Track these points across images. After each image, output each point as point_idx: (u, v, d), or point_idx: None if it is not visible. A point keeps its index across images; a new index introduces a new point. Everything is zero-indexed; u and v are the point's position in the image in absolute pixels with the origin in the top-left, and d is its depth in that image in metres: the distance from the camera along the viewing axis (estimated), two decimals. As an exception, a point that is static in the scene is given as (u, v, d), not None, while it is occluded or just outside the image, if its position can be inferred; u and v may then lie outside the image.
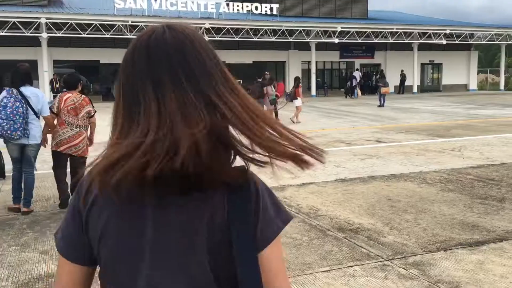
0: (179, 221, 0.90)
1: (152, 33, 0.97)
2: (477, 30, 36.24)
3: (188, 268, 0.90)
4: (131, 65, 0.95)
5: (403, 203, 5.72)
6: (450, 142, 10.99)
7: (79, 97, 5.87)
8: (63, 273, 1.02)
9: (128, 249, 0.91)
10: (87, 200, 0.94)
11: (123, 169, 0.82)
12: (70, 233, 0.98)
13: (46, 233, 4.91)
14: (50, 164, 8.91)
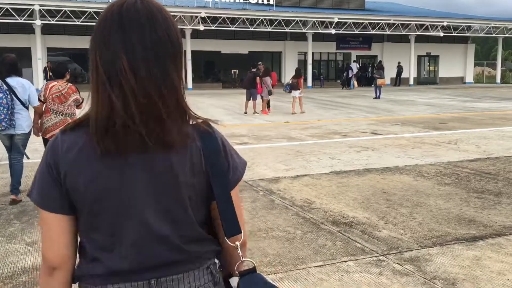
0: (163, 168, 1.07)
1: (124, 2, 1.07)
2: (475, 22, 36.12)
3: (173, 206, 1.09)
4: (105, 33, 1.06)
5: (399, 197, 5.63)
6: (446, 135, 10.91)
7: (65, 85, 5.91)
8: (47, 226, 1.10)
9: (115, 194, 1.06)
10: (67, 156, 1.07)
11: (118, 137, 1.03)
12: (47, 187, 1.09)
13: (34, 224, 4.79)
14: (41, 153, 8.79)
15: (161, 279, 1.10)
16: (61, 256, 1.10)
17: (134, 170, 1.07)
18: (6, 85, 5.42)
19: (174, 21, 1.11)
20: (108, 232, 1.09)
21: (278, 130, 12.05)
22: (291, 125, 13.24)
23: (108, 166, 1.06)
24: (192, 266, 1.13)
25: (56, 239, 1.09)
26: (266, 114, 16.12)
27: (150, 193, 1.08)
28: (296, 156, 8.43)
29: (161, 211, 1.09)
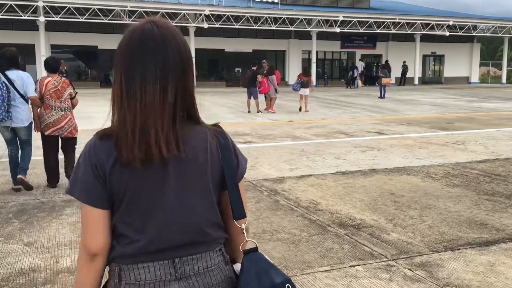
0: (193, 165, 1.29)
1: (142, 28, 1.29)
2: (481, 22, 35.84)
3: (200, 195, 1.31)
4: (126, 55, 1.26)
5: (407, 198, 5.49)
6: (453, 135, 10.75)
7: (59, 80, 5.96)
8: (90, 219, 1.27)
9: (149, 190, 1.27)
10: (108, 160, 1.25)
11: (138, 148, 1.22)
12: (92, 184, 1.26)
13: (33, 223, 4.68)
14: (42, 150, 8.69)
15: (183, 258, 1.30)
16: (102, 244, 1.28)
17: (165, 171, 1.27)
18: (5, 78, 5.48)
19: (184, 40, 1.31)
20: (140, 219, 1.28)
21: (282, 129, 11.91)
22: (295, 124, 13.10)
23: (142, 169, 1.25)
24: (208, 248, 1.33)
25: (97, 230, 1.27)
26: (274, 112, 15.98)
27: (180, 187, 1.28)
28: (301, 156, 8.29)
29: (189, 201, 1.30)
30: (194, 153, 1.29)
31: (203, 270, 1.31)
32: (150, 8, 26.83)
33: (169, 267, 1.29)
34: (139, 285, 1.28)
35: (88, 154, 1.28)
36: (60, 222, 4.71)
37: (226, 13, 28.65)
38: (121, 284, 1.29)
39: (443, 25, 33.81)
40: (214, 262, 1.33)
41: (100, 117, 14.05)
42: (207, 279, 1.32)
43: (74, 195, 1.29)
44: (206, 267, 1.32)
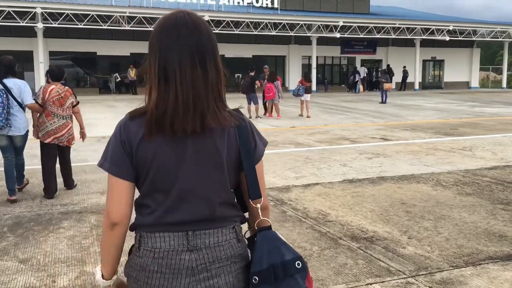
0: (208, 145, 1.40)
1: (176, 15, 1.42)
2: (481, 27, 35.72)
3: (214, 174, 1.41)
4: (162, 39, 1.38)
5: (419, 208, 5.27)
6: (459, 141, 10.54)
7: (63, 89, 6.02)
8: (115, 190, 1.42)
9: (171, 165, 1.39)
10: (136, 137, 1.38)
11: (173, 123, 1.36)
12: (120, 158, 1.41)
13: (29, 238, 4.45)
14: (39, 158, 8.47)
15: (195, 232, 1.40)
16: (123, 214, 1.42)
17: (184, 148, 1.39)
18: (3, 86, 5.47)
19: (211, 30, 1.44)
20: (161, 193, 1.41)
21: (285, 135, 11.70)
22: (297, 130, 12.89)
23: (165, 145, 1.38)
24: (220, 224, 1.42)
25: (120, 200, 1.42)
26: (280, 117, 15.83)
27: (196, 164, 1.39)
28: (306, 163, 8.07)
29: (205, 176, 1.40)
30: (212, 134, 1.39)
31: (213, 244, 1.41)
32: (150, 14, 26.67)
33: (182, 238, 1.40)
34: (155, 252, 1.40)
35: (118, 131, 1.43)
36: (57, 236, 4.48)
37: (226, 18, 28.50)
38: (140, 250, 1.43)
39: (443, 30, 33.69)
40: (225, 238, 1.42)
41: (99, 123, 13.83)
42: (216, 253, 1.41)
43: (104, 168, 1.44)
44: (217, 242, 1.41)
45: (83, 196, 6.00)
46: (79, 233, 4.58)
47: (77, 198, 5.90)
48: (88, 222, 4.90)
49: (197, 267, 1.39)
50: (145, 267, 1.41)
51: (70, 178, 6.35)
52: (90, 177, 7.03)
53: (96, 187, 6.42)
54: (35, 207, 5.51)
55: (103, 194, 6.03)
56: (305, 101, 16.37)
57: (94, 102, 22.05)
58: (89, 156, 8.80)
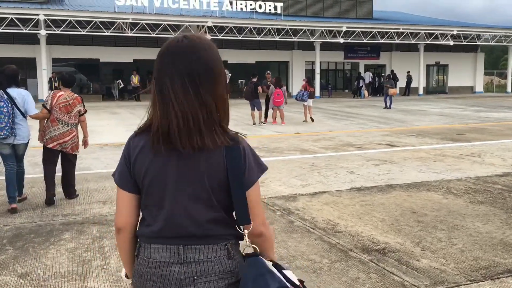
0: (194, 166, 1.46)
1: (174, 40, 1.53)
2: (485, 31, 35.57)
3: (202, 193, 1.47)
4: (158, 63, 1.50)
5: (431, 218, 5.10)
6: (467, 147, 10.37)
7: (72, 95, 6.05)
8: (120, 200, 1.56)
9: (161, 180, 1.48)
10: (135, 151, 1.52)
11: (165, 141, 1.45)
12: (124, 172, 1.55)
13: (29, 250, 4.31)
14: (42, 167, 8.35)
15: (186, 246, 1.47)
16: (126, 222, 1.54)
17: (173, 165, 1.46)
18: (7, 95, 5.53)
19: (215, 52, 1.50)
20: (155, 207, 1.49)
21: (289, 142, 11.56)
22: (302, 136, 12.75)
23: (156, 161, 1.47)
24: (211, 241, 1.47)
25: (123, 209, 1.54)
26: (285, 123, 15.74)
27: (183, 183, 1.46)
28: (312, 170, 7.92)
29: (191, 196, 1.46)
30: (203, 154, 1.44)
31: (202, 259, 1.46)
32: (152, 20, 26.65)
33: (174, 251, 1.47)
34: (149, 262, 1.50)
35: (125, 147, 1.57)
36: (58, 249, 4.34)
37: (229, 24, 28.46)
38: (138, 258, 1.54)
39: (447, 34, 33.56)
40: (215, 255, 1.47)
41: (102, 131, 13.71)
42: (204, 268, 1.46)
43: (113, 178, 1.58)
44: (206, 257, 1.46)
45: (85, 206, 5.87)
46: (81, 245, 4.44)
47: (79, 208, 5.77)
48: (90, 234, 4.76)
49: (185, 279, 1.46)
50: (141, 274, 1.51)
51: (71, 187, 6.23)
52: (92, 186, 6.90)
53: (99, 196, 6.29)
54: (36, 217, 5.37)
55: (105, 204, 5.90)
56: (308, 106, 16.37)
57: (97, 109, 21.96)
58: (91, 164, 8.67)
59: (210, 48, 1.49)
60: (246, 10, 29.50)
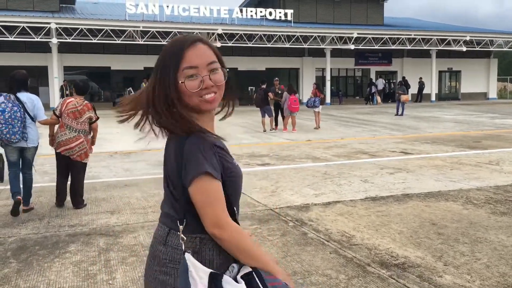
0: (167, 150, 1.56)
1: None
2: (498, 37, 35.15)
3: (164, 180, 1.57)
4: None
5: (452, 230, 4.87)
6: (484, 155, 10.09)
7: (81, 102, 6.06)
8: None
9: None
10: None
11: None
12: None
13: (33, 264, 4.15)
14: (51, 176, 8.24)
15: (159, 224, 1.60)
16: None
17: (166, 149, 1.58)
18: (17, 100, 5.63)
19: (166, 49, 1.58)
20: None
21: (301, 149, 11.35)
22: (313, 143, 12.54)
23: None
24: (164, 221, 1.56)
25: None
26: (295, 130, 15.60)
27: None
28: (324, 179, 7.71)
29: (164, 181, 1.58)
30: (169, 142, 1.54)
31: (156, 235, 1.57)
32: (163, 28, 26.68)
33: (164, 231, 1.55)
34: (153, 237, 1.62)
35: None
36: (63, 262, 4.18)
37: (239, 31, 28.42)
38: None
39: (460, 40, 33.20)
40: (158, 234, 1.56)
41: (112, 138, 13.63)
42: (154, 239, 1.58)
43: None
44: (156, 234, 1.57)
45: (93, 216, 5.71)
46: (86, 258, 4.27)
47: (86, 218, 5.62)
48: (97, 246, 4.60)
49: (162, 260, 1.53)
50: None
51: (79, 197, 6.11)
52: (100, 195, 6.76)
53: (106, 206, 6.14)
54: (42, 228, 5.23)
55: (113, 214, 5.75)
56: (317, 113, 16.43)
57: (107, 117, 21.91)
58: (100, 172, 8.55)
59: (169, 43, 1.58)
60: (256, 17, 29.46)
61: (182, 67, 1.48)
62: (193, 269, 1.39)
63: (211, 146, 1.47)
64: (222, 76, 1.54)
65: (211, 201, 1.43)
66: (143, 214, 5.72)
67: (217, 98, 1.55)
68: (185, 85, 1.48)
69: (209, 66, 1.51)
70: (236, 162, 1.59)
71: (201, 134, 1.47)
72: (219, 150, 1.50)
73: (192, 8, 27.66)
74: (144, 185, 7.42)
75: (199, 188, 1.43)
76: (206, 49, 1.52)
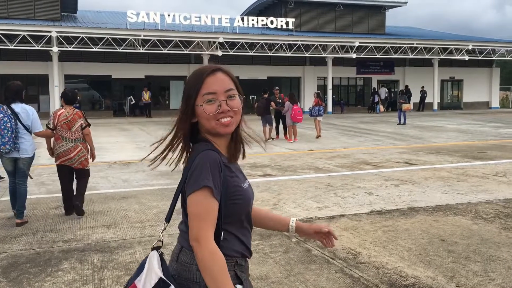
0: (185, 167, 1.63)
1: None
2: (501, 46, 35.04)
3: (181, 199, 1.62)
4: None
5: (462, 247, 4.66)
6: (490, 166, 9.88)
7: (71, 111, 6.18)
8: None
9: None
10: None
11: None
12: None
13: (23, 283, 3.94)
14: (47, 187, 8.05)
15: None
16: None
17: None
18: (10, 111, 5.65)
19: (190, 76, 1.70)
20: None
21: (303, 160, 11.16)
22: (315, 153, 12.34)
23: None
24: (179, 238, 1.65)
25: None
26: (297, 140, 15.44)
27: None
28: (328, 191, 7.51)
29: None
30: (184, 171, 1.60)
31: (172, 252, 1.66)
32: (164, 36, 26.61)
33: None
34: None
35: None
36: (54, 281, 3.97)
37: (241, 40, 28.33)
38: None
39: (462, 49, 33.10)
40: (173, 251, 1.64)
41: (111, 148, 13.44)
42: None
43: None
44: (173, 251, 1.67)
45: (88, 230, 5.51)
46: (79, 277, 4.06)
47: (81, 232, 5.42)
48: (91, 263, 4.39)
49: None
50: None
51: (80, 199, 6.18)
52: (97, 208, 6.56)
53: (103, 220, 5.93)
54: (34, 244, 5.02)
55: (110, 228, 5.55)
56: (318, 121, 16.46)
57: (108, 126, 21.81)
58: (98, 183, 8.35)
59: (193, 73, 1.69)
60: (257, 26, 29.41)
61: (202, 93, 1.59)
62: (147, 267, 1.53)
63: (218, 164, 1.53)
64: (238, 103, 1.64)
65: (201, 215, 1.49)
66: (140, 229, 5.52)
67: (233, 122, 1.63)
68: (203, 109, 1.59)
69: (227, 93, 1.61)
70: (246, 185, 1.65)
71: (211, 152, 1.55)
72: (228, 171, 1.58)
73: (193, 16, 27.60)
74: (142, 197, 7.22)
75: (195, 200, 1.49)
76: (225, 78, 1.64)
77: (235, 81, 1.69)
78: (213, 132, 1.62)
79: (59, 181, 6.32)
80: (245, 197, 1.62)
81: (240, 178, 1.63)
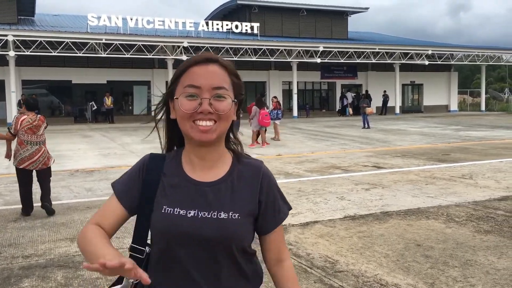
0: None
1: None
2: (459, 50, 36.17)
3: None
4: None
5: (438, 251, 4.62)
6: (456, 168, 10.04)
7: (35, 117, 6.41)
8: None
9: None
10: None
11: None
12: None
13: (-22, 305, 3.62)
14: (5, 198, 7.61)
15: None
16: None
17: None
18: None
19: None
20: None
21: (272, 165, 11.03)
22: (284, 158, 12.26)
23: None
24: None
25: None
26: (267, 144, 15.36)
27: None
28: (299, 197, 7.40)
29: None
30: None
31: None
32: (127, 40, 26.04)
33: None
34: None
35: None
36: (14, 302, 3.67)
37: (205, 45, 28.06)
38: None
39: (422, 54, 33.94)
40: None
41: (73, 155, 12.93)
42: None
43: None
44: None
45: (50, 244, 5.19)
46: (42, 296, 3.77)
47: (42, 247, 5.09)
48: (54, 280, 4.10)
49: None
50: None
51: (48, 199, 6.41)
52: (59, 220, 6.21)
53: (66, 233, 5.61)
54: None
55: (73, 241, 5.23)
56: (277, 125, 16.87)
57: (69, 132, 21.09)
58: (60, 193, 7.94)
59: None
60: (222, 31, 29.24)
61: (184, 83, 1.29)
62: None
63: (138, 169, 1.39)
64: (226, 106, 1.29)
65: (100, 208, 1.42)
66: (107, 241, 5.23)
67: (215, 129, 1.29)
68: (180, 103, 1.28)
69: (215, 91, 1.28)
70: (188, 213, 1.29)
71: (148, 155, 1.41)
72: (164, 183, 1.34)
73: (156, 20, 27.17)
74: (108, 207, 6.90)
75: None
76: (220, 72, 1.31)
77: (235, 81, 1.36)
78: (188, 137, 1.31)
79: (17, 191, 6.46)
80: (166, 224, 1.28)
81: (176, 201, 1.31)
